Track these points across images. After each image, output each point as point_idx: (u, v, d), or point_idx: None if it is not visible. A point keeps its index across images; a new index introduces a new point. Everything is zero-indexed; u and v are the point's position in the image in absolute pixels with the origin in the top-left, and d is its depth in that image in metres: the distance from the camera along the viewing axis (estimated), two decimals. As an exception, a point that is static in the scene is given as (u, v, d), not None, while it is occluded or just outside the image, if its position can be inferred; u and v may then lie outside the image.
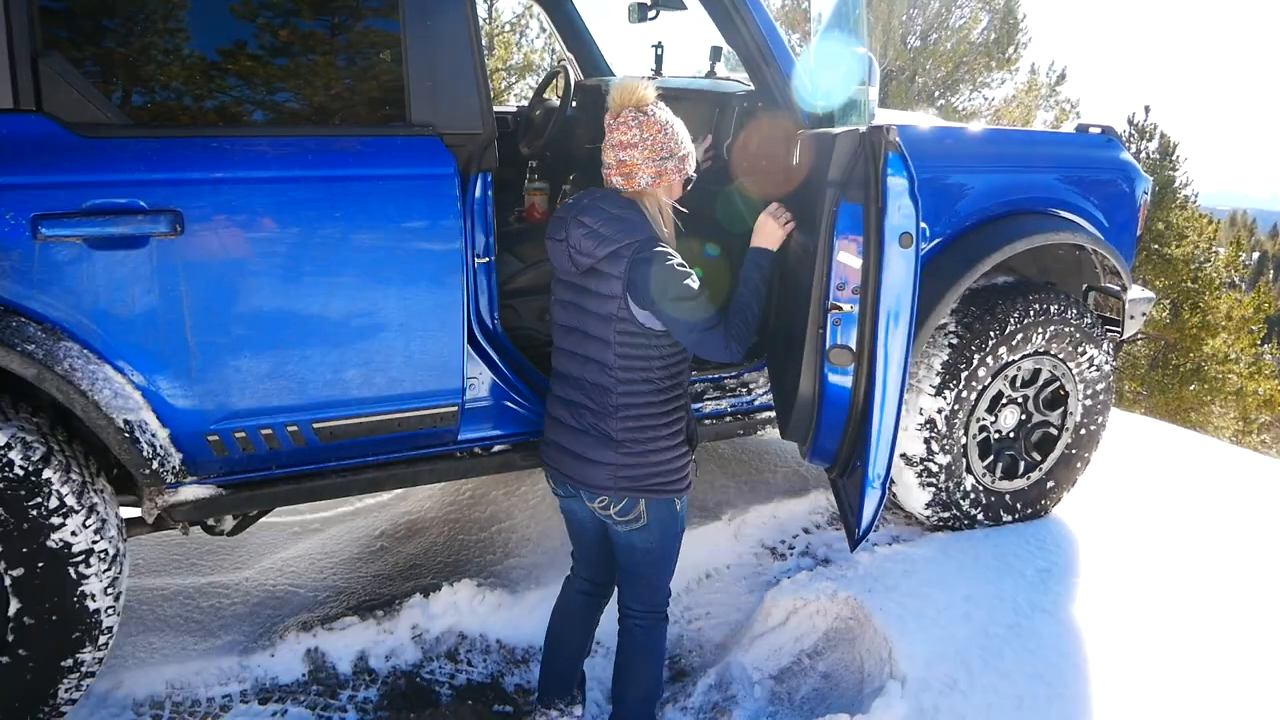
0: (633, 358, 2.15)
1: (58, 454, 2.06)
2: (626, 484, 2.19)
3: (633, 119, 2.13)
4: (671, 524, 2.29)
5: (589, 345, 2.19)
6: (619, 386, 2.16)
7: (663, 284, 2.05)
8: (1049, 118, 15.73)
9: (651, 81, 2.21)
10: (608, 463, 2.18)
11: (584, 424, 2.21)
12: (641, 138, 2.12)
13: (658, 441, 2.20)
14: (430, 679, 2.70)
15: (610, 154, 2.16)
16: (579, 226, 2.12)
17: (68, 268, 1.97)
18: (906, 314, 2.24)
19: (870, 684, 2.59)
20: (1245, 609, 2.95)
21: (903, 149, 2.16)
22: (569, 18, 4.39)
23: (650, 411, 2.19)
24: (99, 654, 2.20)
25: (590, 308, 2.16)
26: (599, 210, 2.13)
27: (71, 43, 1.97)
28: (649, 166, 2.13)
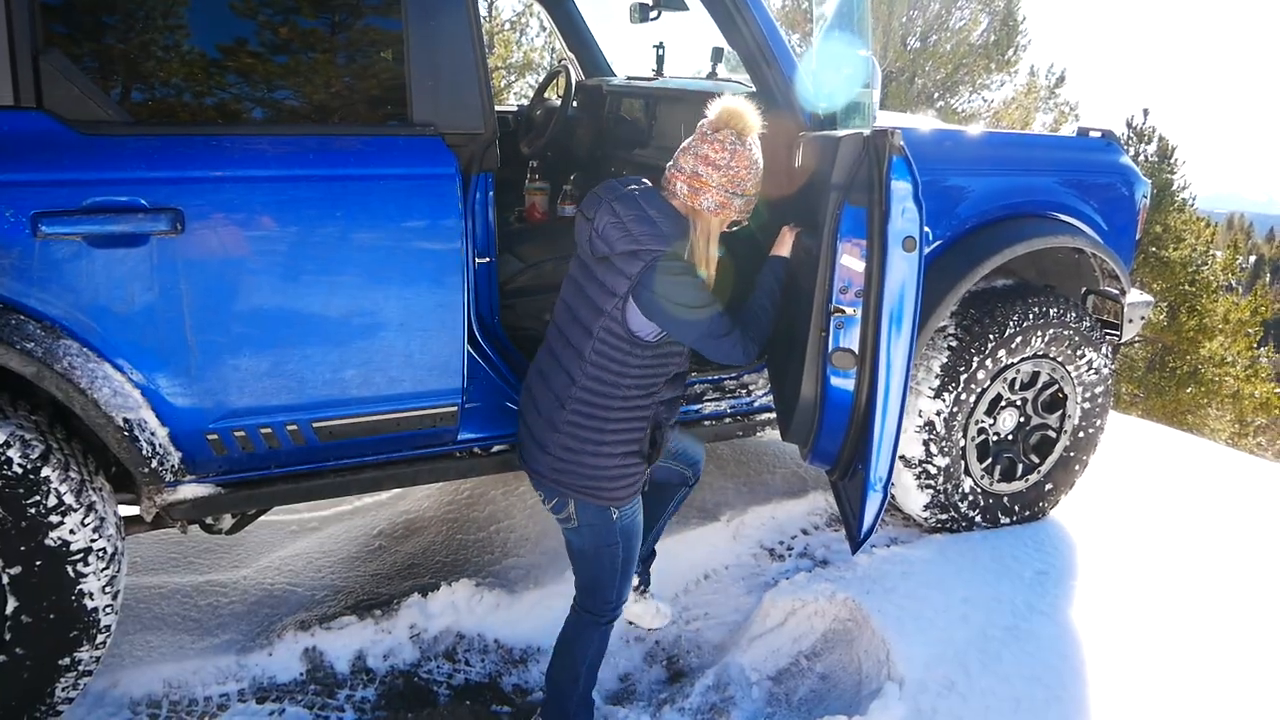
0: (608, 358, 2.12)
1: (56, 452, 2.05)
2: (557, 478, 2.19)
3: (730, 142, 2.10)
4: (605, 531, 2.23)
5: (574, 329, 2.17)
6: (583, 379, 2.13)
7: (677, 295, 2.03)
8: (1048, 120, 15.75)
9: (759, 116, 2.17)
10: (547, 452, 2.18)
11: (541, 405, 2.22)
12: (729, 163, 2.09)
13: (600, 447, 2.16)
14: (428, 678, 2.70)
15: (689, 161, 2.11)
16: (609, 214, 2.09)
17: (67, 266, 1.96)
18: (910, 318, 2.24)
19: (868, 685, 2.59)
20: (1242, 611, 2.96)
21: (907, 153, 2.16)
22: (570, 17, 4.39)
23: (603, 415, 2.15)
24: (96, 652, 2.20)
25: (589, 293, 2.14)
26: (634, 204, 2.09)
27: (72, 40, 1.97)
28: (719, 193, 2.10)
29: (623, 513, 2.23)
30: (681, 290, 2.04)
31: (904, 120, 3.49)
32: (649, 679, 2.80)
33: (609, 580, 2.30)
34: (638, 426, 2.19)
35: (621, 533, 2.25)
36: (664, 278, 2.02)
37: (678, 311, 2.05)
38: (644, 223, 2.06)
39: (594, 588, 2.32)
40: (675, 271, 2.04)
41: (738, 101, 2.15)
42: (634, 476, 2.22)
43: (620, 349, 2.11)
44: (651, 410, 2.21)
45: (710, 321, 2.08)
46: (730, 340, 2.12)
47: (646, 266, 2.03)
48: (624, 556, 2.29)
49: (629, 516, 2.26)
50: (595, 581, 2.31)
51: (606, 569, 2.29)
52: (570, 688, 2.37)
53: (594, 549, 2.27)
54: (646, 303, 2.04)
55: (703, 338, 2.11)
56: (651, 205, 2.09)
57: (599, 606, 2.33)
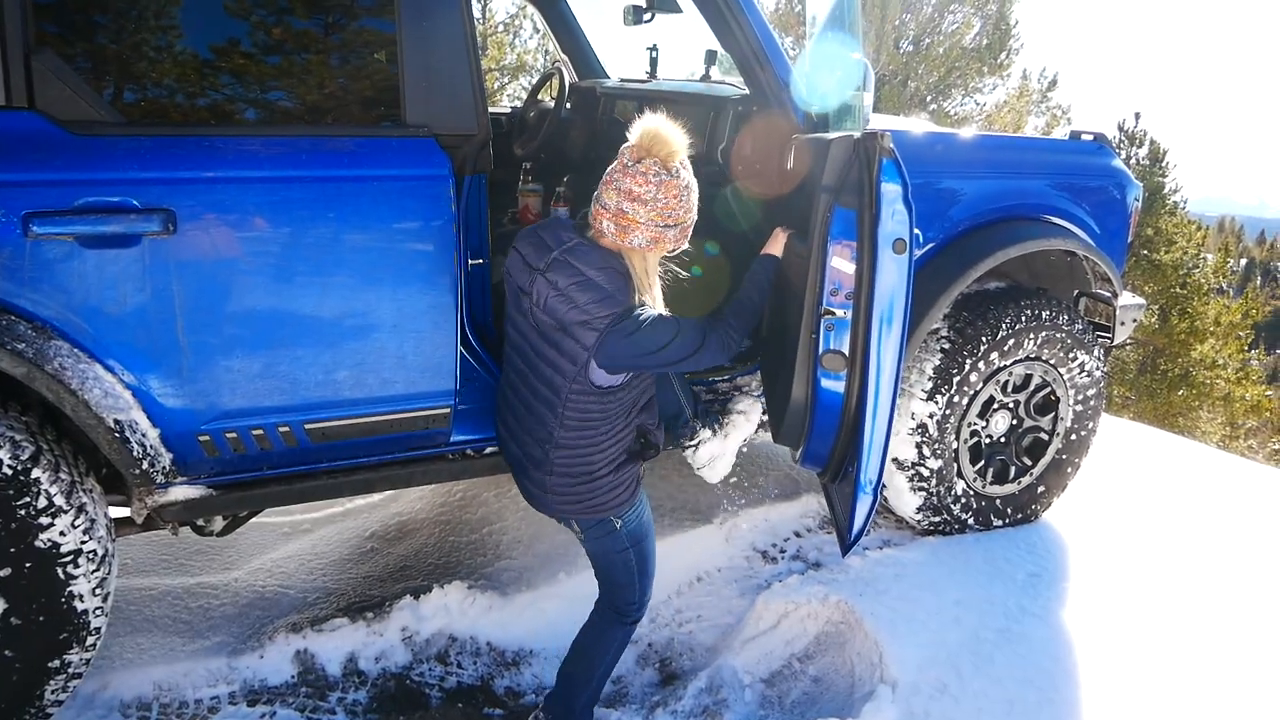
0: (582, 410, 2.07)
1: (47, 453, 2.04)
2: (557, 505, 2.18)
3: (655, 174, 1.96)
4: (611, 540, 2.23)
5: (539, 387, 2.11)
6: (561, 431, 2.08)
7: (641, 348, 1.97)
8: (1040, 123, 15.80)
9: (684, 134, 2.02)
10: (542, 487, 2.16)
11: (524, 445, 2.19)
12: (655, 196, 1.96)
13: (593, 470, 2.13)
14: (420, 681, 2.69)
15: (612, 196, 1.98)
16: (548, 286, 1.98)
17: (59, 266, 1.95)
18: (900, 320, 2.24)
19: (861, 688, 2.59)
20: (1234, 613, 2.97)
21: (897, 155, 2.16)
22: (564, 19, 4.39)
23: (589, 449, 2.12)
24: (86, 655, 2.18)
25: (548, 356, 2.06)
26: (572, 270, 1.97)
27: (64, 40, 1.96)
28: (649, 230, 1.98)
29: (625, 520, 2.22)
30: (643, 341, 1.96)
31: (897, 123, 3.50)
32: (641, 681, 2.80)
33: (627, 582, 2.30)
34: (625, 441, 2.17)
35: (629, 538, 2.24)
36: (623, 340, 1.95)
37: (647, 360, 2.01)
38: (586, 289, 1.95)
39: (615, 589, 2.33)
40: (631, 330, 1.95)
41: (659, 123, 2.00)
42: (629, 481, 2.20)
43: (591, 399, 2.06)
44: (634, 424, 2.19)
45: (680, 347, 2.01)
46: (706, 350, 2.07)
47: (602, 335, 1.95)
48: (637, 559, 2.28)
49: (633, 522, 2.24)
50: (614, 584, 2.32)
51: (622, 573, 2.29)
52: (583, 687, 2.38)
53: (605, 556, 2.28)
54: (612, 364, 1.99)
55: (679, 363, 2.06)
56: (587, 263, 1.97)
57: (622, 605, 2.33)
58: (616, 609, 2.34)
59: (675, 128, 2.01)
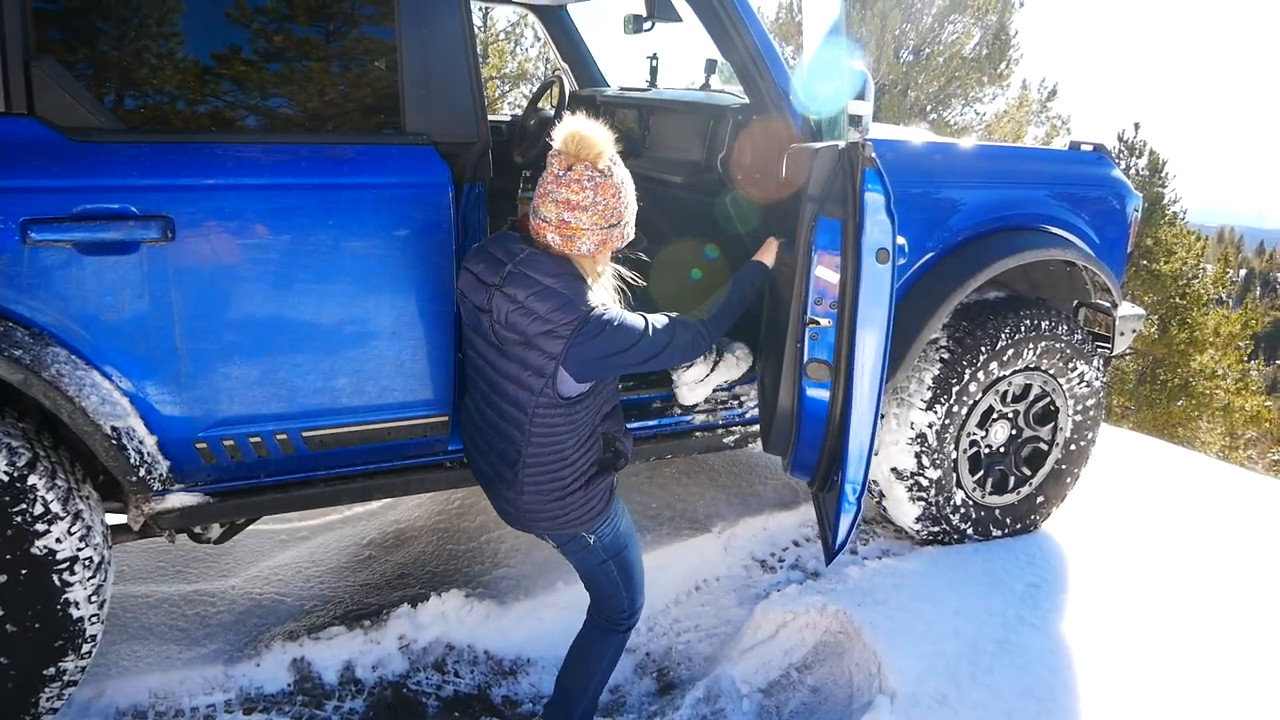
0: (548, 423, 2.02)
1: (43, 460, 2.04)
2: (531, 523, 2.15)
3: (588, 179, 1.92)
4: (589, 554, 2.20)
5: (503, 404, 2.06)
6: (528, 447, 2.04)
7: (607, 349, 1.93)
8: (1040, 133, 15.83)
9: (606, 130, 1.98)
10: (514, 505, 2.13)
11: (492, 463, 2.15)
12: (594, 200, 1.93)
13: (565, 486, 2.08)
14: (417, 690, 2.69)
15: (551, 208, 1.94)
16: (506, 300, 1.94)
17: (57, 273, 1.95)
18: (882, 329, 2.24)
19: (859, 698, 2.58)
20: (1233, 624, 2.96)
21: (879, 165, 2.17)
22: (564, 28, 4.41)
23: (557, 463, 2.07)
24: (82, 662, 2.18)
25: (511, 373, 2.01)
26: (529, 281, 1.93)
27: (65, 46, 1.96)
28: (594, 234, 1.95)
29: (599, 534, 2.17)
30: (611, 341, 1.93)
31: (897, 133, 3.51)
32: (639, 691, 2.79)
33: (613, 593, 2.27)
34: (594, 453, 2.13)
35: (605, 550, 2.20)
36: (590, 343, 1.92)
37: (615, 361, 1.97)
38: (545, 297, 1.91)
39: (602, 599, 2.30)
40: (596, 332, 1.91)
41: (580, 125, 1.95)
42: (602, 494, 2.15)
43: (559, 413, 2.01)
44: (599, 433, 2.15)
45: (648, 346, 1.99)
46: (674, 348, 2.03)
47: (569, 341, 1.91)
48: (619, 569, 2.25)
49: (608, 535, 2.19)
50: (601, 595, 2.30)
51: (606, 584, 2.27)
52: (580, 695, 2.36)
53: (586, 570, 2.26)
54: (580, 369, 1.96)
55: (646, 362, 2.02)
56: (541, 272, 1.94)
57: (614, 614, 2.31)
58: (607, 617, 2.32)
59: (597, 126, 1.97)
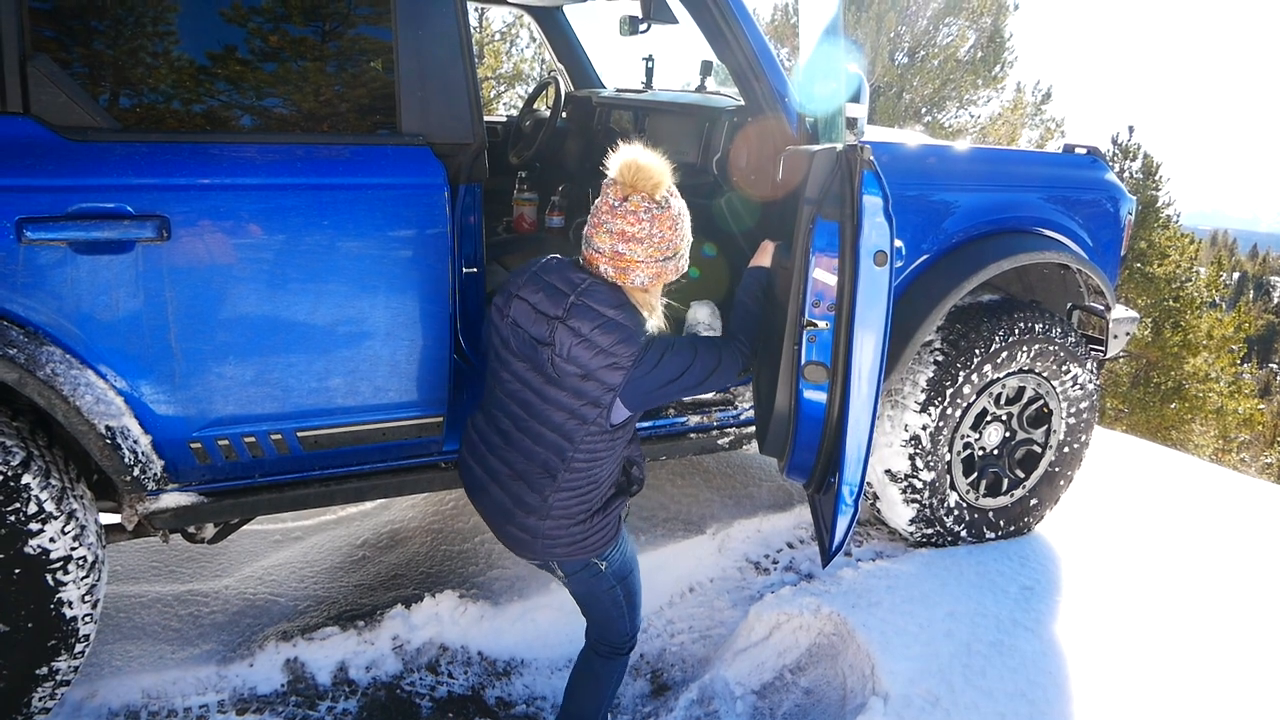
0: (591, 451, 1.99)
1: (37, 459, 2.04)
2: (548, 551, 2.08)
3: (645, 210, 1.90)
4: (596, 580, 2.16)
5: (544, 434, 2.00)
6: (566, 475, 2.00)
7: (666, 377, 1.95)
8: (1034, 136, 15.88)
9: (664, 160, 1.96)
10: (536, 535, 2.05)
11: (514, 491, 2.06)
12: (650, 232, 1.90)
13: (590, 511, 2.05)
14: (410, 690, 2.68)
15: (605, 239, 1.92)
16: (570, 334, 1.89)
17: (52, 272, 1.95)
18: (880, 331, 2.24)
19: (853, 700, 2.59)
20: (1226, 626, 2.97)
21: (877, 167, 2.17)
22: (560, 29, 4.41)
23: (588, 489, 2.04)
24: (75, 662, 2.17)
25: (562, 403, 1.96)
26: (592, 314, 1.90)
27: (60, 45, 1.96)
28: (649, 266, 1.93)
29: (609, 559, 2.14)
30: (666, 370, 1.94)
31: (891, 135, 3.52)
32: (632, 693, 2.79)
33: (618, 616, 2.23)
34: (615, 475, 2.12)
35: (614, 576, 2.17)
36: (649, 374, 1.92)
37: (670, 389, 1.98)
38: (609, 330, 1.88)
39: (605, 625, 2.25)
40: (654, 363, 1.92)
41: (638, 154, 1.93)
42: (616, 518, 2.13)
43: (604, 440, 2.00)
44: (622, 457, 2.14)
45: (700, 370, 2.00)
46: (723, 369, 2.06)
47: (629, 373, 1.90)
48: (625, 594, 2.21)
49: (616, 560, 2.16)
50: (606, 621, 2.24)
51: (611, 610, 2.22)
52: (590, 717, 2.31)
53: (591, 596, 2.20)
54: (635, 399, 1.95)
55: (698, 386, 2.03)
56: (604, 304, 1.91)
57: (616, 640, 2.26)
58: (610, 644, 2.26)
59: (655, 156, 1.95)
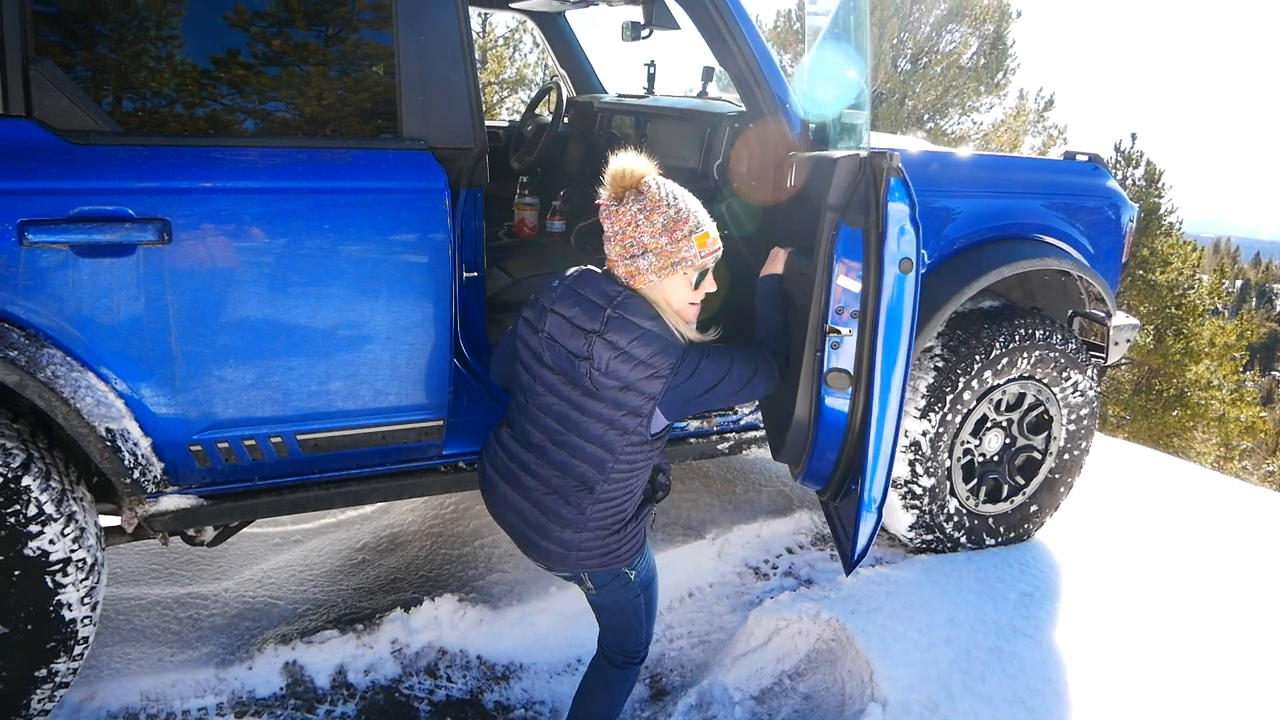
0: (632, 460, 2.00)
1: (37, 461, 2.04)
2: (580, 563, 2.07)
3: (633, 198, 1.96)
4: (624, 590, 2.15)
5: (583, 446, 2.00)
6: (604, 488, 2.00)
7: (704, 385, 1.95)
8: (1037, 143, 15.89)
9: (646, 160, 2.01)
10: (571, 548, 2.04)
11: (547, 507, 2.05)
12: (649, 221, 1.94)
13: (623, 522, 2.06)
14: (409, 694, 2.68)
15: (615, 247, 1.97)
16: (608, 348, 1.91)
17: (53, 274, 1.95)
18: (906, 339, 2.24)
19: (851, 706, 2.59)
20: (1225, 634, 2.97)
21: (905, 175, 2.16)
22: (563, 34, 4.42)
23: (623, 501, 2.05)
24: (74, 664, 2.17)
25: (601, 415, 1.97)
26: (630, 326, 1.91)
27: (63, 49, 1.97)
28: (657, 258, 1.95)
29: (637, 568, 2.15)
30: (704, 378, 1.96)
31: (894, 141, 3.52)
32: (631, 698, 2.78)
33: (637, 625, 2.23)
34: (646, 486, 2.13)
35: (640, 584, 2.18)
36: (687, 382, 1.93)
37: (707, 398, 1.99)
38: (646, 341, 1.90)
39: (625, 635, 2.24)
40: (691, 370, 1.93)
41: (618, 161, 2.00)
42: (644, 527, 2.15)
43: (642, 451, 2.01)
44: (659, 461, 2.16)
45: (737, 378, 2.01)
46: (759, 378, 2.07)
47: (668, 382, 1.92)
48: (646, 603, 2.22)
49: (643, 569, 2.18)
50: (625, 630, 2.23)
51: (632, 619, 2.22)
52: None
53: (616, 606, 2.19)
54: (673, 409, 1.96)
55: (736, 394, 2.04)
56: (640, 315, 1.93)
57: (634, 649, 2.25)
58: (625, 654, 2.26)
59: (635, 157, 1.99)
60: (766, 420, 2.75)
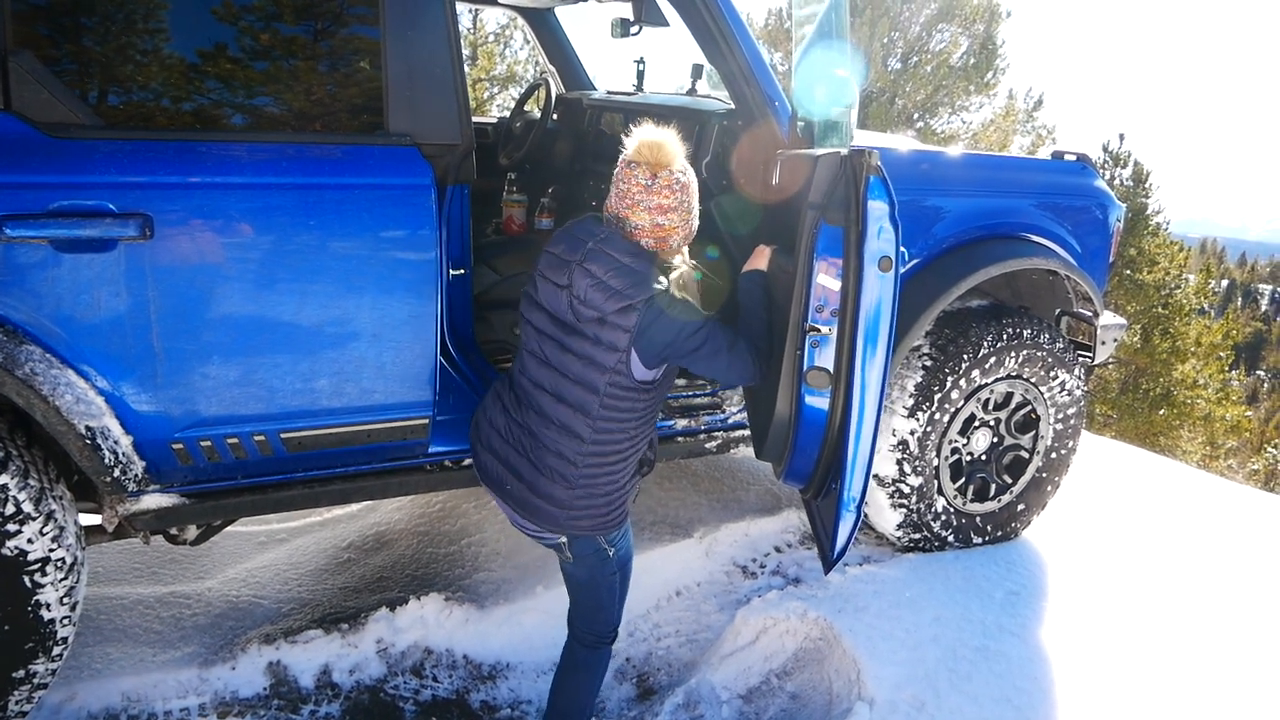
0: (616, 409, 2.07)
1: (16, 459, 2.01)
2: (570, 523, 2.12)
3: (676, 183, 2.06)
4: (601, 564, 2.22)
5: (568, 387, 2.08)
6: (593, 436, 2.07)
7: (677, 329, 1.99)
8: (1026, 143, 15.92)
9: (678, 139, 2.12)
10: (561, 506, 2.11)
11: (539, 457, 2.12)
12: (679, 201, 2.07)
13: (614, 483, 2.14)
14: (394, 694, 2.66)
15: (643, 216, 2.05)
16: (585, 276, 2.01)
17: (32, 270, 1.93)
18: (885, 338, 2.23)
19: (839, 705, 2.58)
20: (1211, 631, 2.98)
21: (884, 173, 2.16)
22: (552, 31, 4.40)
23: (615, 458, 2.12)
24: (52, 665, 2.15)
25: (584, 352, 2.05)
26: (606, 259, 2.01)
27: (43, 41, 1.94)
28: (683, 229, 2.10)
29: (617, 545, 2.21)
30: (677, 321, 2.00)
31: (883, 140, 3.51)
32: (618, 697, 2.78)
33: (609, 604, 2.29)
34: (640, 451, 2.20)
35: (619, 561, 2.25)
36: (658, 318, 1.99)
37: (681, 346, 2.02)
38: (623, 274, 1.99)
39: (597, 612, 2.29)
40: (665, 305, 2.00)
41: (655, 134, 2.10)
42: (629, 495, 2.22)
43: (629, 396, 2.07)
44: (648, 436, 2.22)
45: (713, 340, 2.05)
46: (737, 353, 2.10)
47: (641, 315, 1.98)
48: (621, 582, 2.28)
49: (623, 546, 2.24)
50: (598, 606, 2.28)
51: (605, 597, 2.27)
52: (582, 712, 2.35)
53: (591, 582, 2.25)
54: (648, 346, 2.01)
55: (710, 358, 2.07)
56: (620, 250, 2.03)
57: (603, 629, 2.31)
58: (596, 634, 2.31)
59: (670, 134, 2.10)
60: (750, 419, 2.74)
